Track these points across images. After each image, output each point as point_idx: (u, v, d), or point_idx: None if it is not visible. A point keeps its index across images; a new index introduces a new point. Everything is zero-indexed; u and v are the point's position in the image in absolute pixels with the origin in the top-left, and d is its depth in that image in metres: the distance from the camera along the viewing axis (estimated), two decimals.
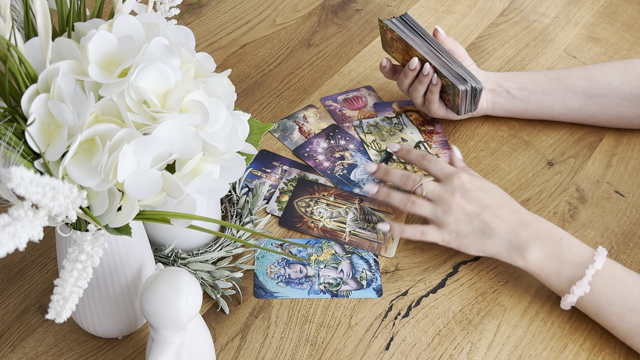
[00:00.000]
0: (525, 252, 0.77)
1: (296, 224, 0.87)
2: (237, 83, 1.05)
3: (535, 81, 0.96)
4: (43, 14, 0.57)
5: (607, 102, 0.95)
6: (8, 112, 0.57)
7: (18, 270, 0.82)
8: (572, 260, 0.76)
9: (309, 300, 0.80)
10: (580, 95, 0.95)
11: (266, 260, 0.84)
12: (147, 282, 0.65)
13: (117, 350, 0.76)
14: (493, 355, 0.76)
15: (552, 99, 0.96)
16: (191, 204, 0.58)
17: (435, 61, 0.91)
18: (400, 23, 0.93)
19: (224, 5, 1.18)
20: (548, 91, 0.96)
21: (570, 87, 0.95)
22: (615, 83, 0.93)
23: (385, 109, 1.02)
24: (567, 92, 0.95)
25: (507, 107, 0.97)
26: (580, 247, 0.77)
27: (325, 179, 0.93)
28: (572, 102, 0.96)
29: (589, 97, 0.95)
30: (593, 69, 0.96)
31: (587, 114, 0.96)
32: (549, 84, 0.96)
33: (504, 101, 0.97)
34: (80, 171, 0.55)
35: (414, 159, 0.87)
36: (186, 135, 0.57)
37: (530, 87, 0.96)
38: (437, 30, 0.92)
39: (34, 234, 0.47)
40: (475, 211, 0.80)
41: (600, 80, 0.94)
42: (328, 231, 0.87)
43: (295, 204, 0.89)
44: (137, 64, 0.56)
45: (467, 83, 0.89)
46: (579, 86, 0.95)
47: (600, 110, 0.95)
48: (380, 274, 0.83)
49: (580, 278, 0.74)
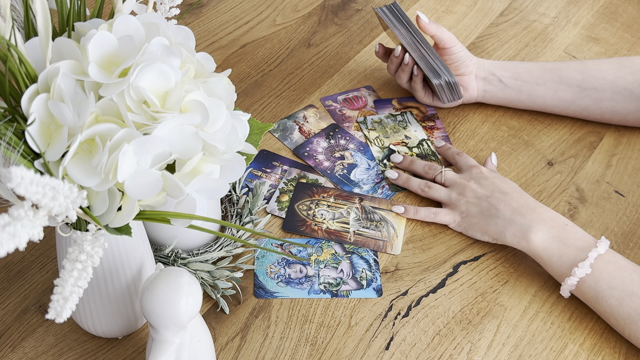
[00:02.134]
0: (529, 234, 0.79)
1: (300, 228, 0.87)
2: (237, 83, 1.05)
3: (530, 71, 0.97)
4: (43, 14, 0.57)
5: (600, 96, 0.95)
6: (8, 112, 0.57)
7: (18, 270, 0.82)
8: (575, 244, 0.77)
9: (309, 300, 0.80)
10: (574, 87, 0.95)
11: (266, 260, 0.84)
12: (147, 282, 0.65)
13: (117, 350, 0.76)
14: (493, 355, 0.76)
15: (545, 90, 0.96)
16: (191, 204, 0.58)
17: (415, 53, 0.94)
18: (389, 12, 0.95)
19: (224, 5, 1.18)
20: (542, 82, 0.96)
21: (564, 79, 0.95)
22: (610, 77, 0.94)
23: (385, 105, 1.02)
24: (561, 84, 0.95)
25: (499, 96, 0.98)
26: (584, 234, 0.79)
27: (325, 179, 0.93)
28: (565, 94, 0.96)
29: (583, 90, 0.95)
30: (589, 63, 0.96)
31: (580, 107, 0.96)
32: (544, 74, 0.96)
33: (496, 89, 0.98)
34: (80, 171, 0.55)
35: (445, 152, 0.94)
36: (186, 135, 0.57)
37: (524, 77, 0.97)
38: (418, 17, 0.93)
39: (34, 234, 0.47)
40: (486, 194, 0.84)
41: (595, 73, 0.94)
42: (332, 232, 0.87)
43: (296, 208, 0.89)
44: (137, 64, 0.56)
45: (440, 77, 0.93)
46: (573, 78, 0.95)
47: (594, 104, 0.95)
48: (380, 273, 0.83)
49: (583, 260, 0.76)
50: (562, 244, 0.78)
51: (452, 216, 0.85)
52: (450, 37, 0.94)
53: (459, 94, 0.96)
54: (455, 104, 0.99)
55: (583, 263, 0.75)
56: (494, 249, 0.86)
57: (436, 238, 0.87)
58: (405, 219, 0.88)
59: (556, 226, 0.79)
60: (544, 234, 0.79)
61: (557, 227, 0.79)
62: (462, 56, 0.95)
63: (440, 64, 0.93)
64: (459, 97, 0.97)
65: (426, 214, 0.87)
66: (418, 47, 0.94)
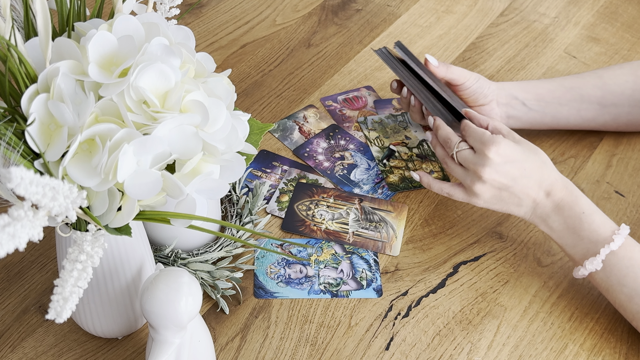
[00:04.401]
0: (547, 220, 0.79)
1: (299, 228, 0.87)
2: (237, 83, 1.05)
3: (551, 91, 0.94)
4: (43, 14, 0.57)
5: (619, 111, 0.94)
6: (8, 112, 0.57)
7: (18, 270, 0.82)
8: (590, 237, 0.77)
9: (309, 300, 0.80)
10: (595, 105, 0.94)
11: (266, 260, 0.84)
12: (147, 282, 0.65)
13: (117, 350, 0.76)
14: (493, 355, 0.76)
15: (568, 110, 0.94)
16: (191, 204, 0.58)
17: (420, 95, 0.90)
18: (389, 54, 0.92)
19: (224, 5, 1.18)
20: (564, 102, 0.94)
21: (585, 97, 0.94)
22: (628, 91, 0.93)
23: (385, 106, 1.02)
24: (583, 102, 0.94)
25: (523, 120, 0.95)
26: (602, 223, 0.77)
27: (325, 179, 0.93)
28: (587, 113, 0.94)
29: (603, 107, 0.94)
30: (606, 77, 0.94)
31: (599, 123, 0.96)
32: (565, 94, 0.94)
33: (520, 114, 0.94)
34: (80, 171, 0.55)
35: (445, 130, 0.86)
36: (186, 135, 0.57)
37: (547, 98, 0.94)
38: (427, 61, 0.90)
39: (34, 234, 0.47)
40: (506, 184, 0.79)
41: (614, 89, 0.93)
42: (331, 233, 0.87)
43: (295, 208, 0.89)
44: (137, 64, 0.56)
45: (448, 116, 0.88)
46: (593, 96, 0.93)
47: (612, 119, 0.95)
48: (380, 274, 0.83)
49: (594, 255, 0.76)
50: (575, 235, 0.77)
51: (468, 199, 0.82)
52: (461, 74, 0.90)
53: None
54: None
55: (594, 259, 0.75)
56: (494, 249, 0.86)
57: (436, 238, 0.87)
58: (405, 219, 0.88)
59: (572, 215, 0.78)
60: (560, 224, 0.78)
61: (573, 217, 0.78)
62: (478, 87, 0.91)
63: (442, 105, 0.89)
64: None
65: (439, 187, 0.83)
66: (423, 88, 0.90)
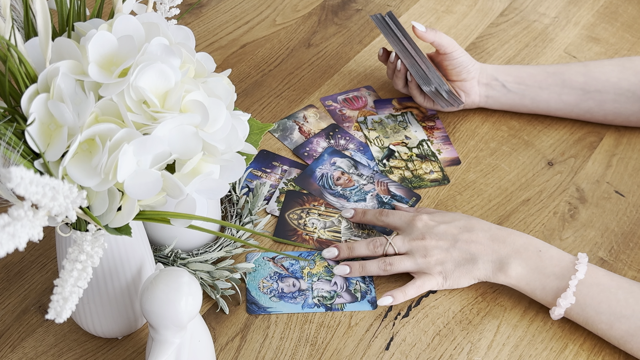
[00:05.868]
0: (507, 269, 0.76)
1: (291, 238, 0.85)
2: (237, 83, 1.05)
3: (533, 75, 0.96)
4: (43, 14, 0.57)
5: (604, 98, 0.94)
6: (8, 112, 0.57)
7: (18, 270, 0.82)
8: (554, 272, 0.75)
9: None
10: (577, 90, 0.95)
11: (258, 274, 0.82)
12: (147, 282, 0.65)
13: (117, 350, 0.76)
14: (493, 355, 0.76)
15: (548, 94, 0.96)
16: (191, 204, 0.58)
17: (407, 60, 0.94)
18: (383, 20, 0.95)
19: (224, 5, 1.18)
20: (545, 85, 0.96)
21: (567, 82, 0.95)
22: (613, 79, 0.93)
23: (385, 105, 1.02)
24: (564, 87, 0.95)
25: (502, 101, 0.98)
26: (561, 257, 0.76)
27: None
28: (569, 97, 0.95)
29: (586, 92, 0.95)
30: (591, 65, 0.96)
31: (583, 109, 0.96)
32: (547, 78, 0.96)
33: (499, 95, 0.97)
34: (80, 171, 0.55)
35: (370, 218, 0.85)
36: (186, 135, 0.57)
37: (527, 81, 0.96)
38: (414, 27, 0.92)
39: (33, 234, 0.47)
40: (451, 244, 0.78)
41: (598, 75, 0.94)
42: (324, 242, 0.85)
43: (287, 217, 0.88)
44: (137, 64, 0.56)
45: (430, 84, 0.93)
46: (576, 81, 0.95)
47: (597, 106, 0.95)
48: (374, 285, 0.82)
49: (565, 290, 0.74)
50: (541, 275, 0.76)
51: (435, 280, 0.79)
52: (450, 42, 0.93)
53: (457, 101, 0.95)
54: (455, 109, 0.99)
55: (565, 294, 0.74)
56: None
57: None
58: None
59: (531, 255, 0.76)
60: (522, 268, 0.76)
61: (532, 257, 0.76)
62: (463, 61, 0.94)
63: (431, 72, 0.93)
64: (458, 104, 0.95)
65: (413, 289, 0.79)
66: (411, 55, 0.93)
